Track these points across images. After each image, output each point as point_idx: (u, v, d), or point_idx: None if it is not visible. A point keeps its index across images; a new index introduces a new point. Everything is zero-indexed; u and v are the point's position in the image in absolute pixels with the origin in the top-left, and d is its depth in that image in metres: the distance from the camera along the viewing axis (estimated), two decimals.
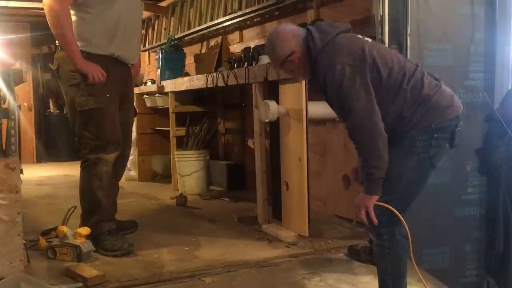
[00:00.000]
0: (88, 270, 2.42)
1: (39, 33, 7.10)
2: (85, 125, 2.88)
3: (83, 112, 2.87)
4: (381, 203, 2.02)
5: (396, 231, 2.07)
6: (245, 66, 3.61)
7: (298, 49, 2.16)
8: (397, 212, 2.02)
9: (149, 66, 6.69)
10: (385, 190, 2.09)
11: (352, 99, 1.98)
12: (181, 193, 4.25)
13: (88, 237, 2.76)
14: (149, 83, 5.33)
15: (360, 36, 2.18)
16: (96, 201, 2.90)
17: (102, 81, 2.84)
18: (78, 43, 2.83)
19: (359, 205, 2.04)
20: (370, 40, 2.20)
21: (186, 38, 5.45)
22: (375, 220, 2.03)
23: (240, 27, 4.76)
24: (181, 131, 4.76)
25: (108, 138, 2.89)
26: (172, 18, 5.96)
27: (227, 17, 4.58)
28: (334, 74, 2.00)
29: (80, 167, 2.97)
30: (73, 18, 2.85)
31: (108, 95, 2.89)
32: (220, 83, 3.75)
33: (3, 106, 2.59)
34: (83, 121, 2.88)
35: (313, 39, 2.11)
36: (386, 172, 2.06)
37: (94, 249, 2.75)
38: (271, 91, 3.20)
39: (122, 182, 3.27)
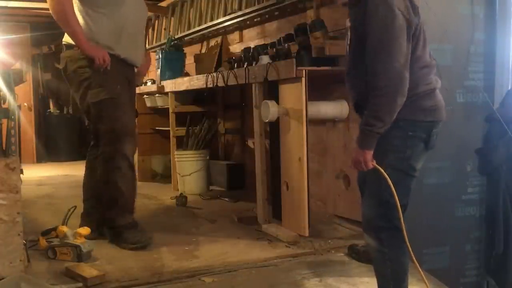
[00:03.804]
0: (88, 270, 2.42)
1: (39, 33, 7.11)
2: (99, 117, 2.91)
3: (95, 104, 2.88)
4: (379, 168, 1.98)
5: (396, 235, 2.05)
6: (245, 66, 3.61)
7: None
8: (391, 184, 1.96)
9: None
10: (372, 192, 2.08)
11: (395, 46, 1.90)
12: (181, 193, 4.25)
13: (107, 230, 2.84)
14: (149, 83, 5.33)
15: None
16: (117, 193, 2.91)
17: (107, 64, 2.83)
18: (88, 39, 2.84)
19: (358, 162, 2.00)
20: None
21: (186, 38, 5.45)
22: (370, 165, 1.98)
23: (240, 27, 4.76)
24: (181, 131, 4.76)
25: (123, 129, 2.90)
26: (172, 18, 5.97)
27: (227, 17, 4.57)
28: (387, 14, 1.91)
29: (98, 161, 2.96)
30: (82, 14, 2.87)
31: (118, 87, 2.90)
32: (220, 83, 3.75)
33: (3, 106, 2.59)
34: (97, 114, 2.91)
35: None
36: (369, 174, 2.05)
37: (94, 249, 2.75)
38: (271, 91, 3.20)
39: None
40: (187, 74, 5.02)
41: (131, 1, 2.98)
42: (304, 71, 2.88)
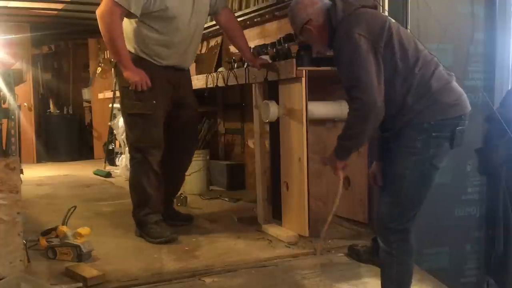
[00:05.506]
0: (88, 270, 2.42)
1: (39, 33, 7.09)
2: (130, 126, 3.10)
3: (129, 115, 3.06)
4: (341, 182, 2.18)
5: (405, 239, 2.06)
6: (245, 66, 3.61)
7: (316, 18, 2.19)
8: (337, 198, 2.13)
9: None
10: (389, 192, 2.08)
11: (361, 71, 1.98)
12: (181, 193, 4.24)
13: (136, 226, 3.05)
14: None
15: (384, 14, 2.19)
16: (146, 195, 3.07)
17: (144, 90, 2.93)
18: (134, 46, 2.96)
19: (328, 164, 2.26)
20: (393, 20, 2.20)
21: None
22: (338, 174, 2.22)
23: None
24: None
25: (150, 142, 3.05)
26: None
27: None
28: (349, 43, 2.01)
29: (129, 163, 3.19)
30: (134, 26, 2.97)
31: (154, 101, 3.00)
32: (220, 83, 3.75)
33: (3, 106, 2.60)
34: (129, 123, 3.09)
35: (335, 9, 2.13)
36: (388, 173, 2.05)
37: (94, 249, 2.75)
38: (271, 91, 3.20)
39: (123, 182, 3.28)
40: None
41: (182, 15, 3.01)
42: (304, 71, 2.87)
